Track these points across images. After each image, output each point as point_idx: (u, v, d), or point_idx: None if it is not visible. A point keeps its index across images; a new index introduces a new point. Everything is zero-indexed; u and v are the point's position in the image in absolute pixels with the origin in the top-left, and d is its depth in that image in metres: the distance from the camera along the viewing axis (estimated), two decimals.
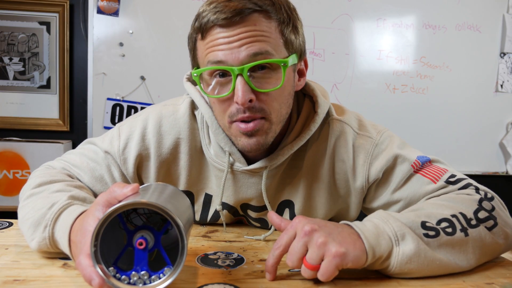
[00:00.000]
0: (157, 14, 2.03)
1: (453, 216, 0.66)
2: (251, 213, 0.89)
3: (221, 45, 0.68)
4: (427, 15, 2.24)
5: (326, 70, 2.19)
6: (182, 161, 0.84)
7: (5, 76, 2.17)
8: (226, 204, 0.87)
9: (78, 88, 2.21)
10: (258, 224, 0.91)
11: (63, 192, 0.71)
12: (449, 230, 0.64)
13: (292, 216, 0.86)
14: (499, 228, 0.68)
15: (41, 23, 2.16)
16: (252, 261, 0.70)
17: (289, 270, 0.65)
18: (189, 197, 0.86)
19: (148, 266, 0.53)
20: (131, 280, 0.52)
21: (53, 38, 2.17)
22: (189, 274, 0.63)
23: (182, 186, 0.86)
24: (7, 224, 0.86)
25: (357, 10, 2.18)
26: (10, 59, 2.16)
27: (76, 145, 1.13)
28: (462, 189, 0.75)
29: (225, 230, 0.88)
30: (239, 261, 0.70)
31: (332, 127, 0.82)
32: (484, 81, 2.33)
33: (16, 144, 2.05)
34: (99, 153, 0.83)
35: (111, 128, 0.87)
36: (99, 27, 2.01)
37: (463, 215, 0.67)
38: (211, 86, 0.72)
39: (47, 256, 0.68)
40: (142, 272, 0.52)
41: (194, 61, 0.76)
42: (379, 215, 0.65)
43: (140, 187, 0.59)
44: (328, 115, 0.83)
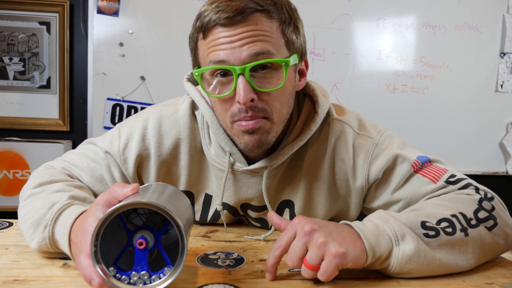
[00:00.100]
0: (157, 14, 2.03)
1: (453, 216, 0.67)
2: (251, 213, 0.89)
3: (223, 45, 0.68)
4: (427, 15, 2.24)
5: (326, 70, 2.19)
6: (182, 161, 0.84)
7: (5, 76, 2.17)
8: (226, 204, 0.87)
9: (78, 88, 2.21)
10: (258, 224, 0.91)
11: (63, 192, 0.71)
12: (449, 230, 0.64)
13: (292, 216, 0.86)
14: (499, 228, 0.68)
15: (41, 23, 2.16)
16: (252, 261, 0.70)
17: (289, 270, 0.65)
18: (189, 197, 0.86)
19: (148, 266, 0.53)
20: (131, 280, 0.52)
21: (53, 38, 2.17)
22: (189, 274, 0.63)
23: (182, 186, 0.86)
24: (7, 224, 0.86)
25: (357, 10, 2.18)
26: (10, 59, 2.16)
27: (76, 145, 1.14)
28: (462, 189, 0.75)
29: (226, 230, 0.88)
30: (239, 261, 0.70)
31: (332, 127, 0.82)
32: (484, 81, 2.33)
33: (16, 144, 2.05)
34: (99, 153, 0.83)
35: (111, 128, 0.87)
36: (99, 27, 2.01)
37: (463, 215, 0.67)
38: (212, 86, 0.72)
39: (47, 256, 0.68)
40: (142, 272, 0.52)
41: (195, 61, 0.76)
42: (379, 215, 0.65)
43: (140, 187, 0.59)
44: (328, 115, 0.83)
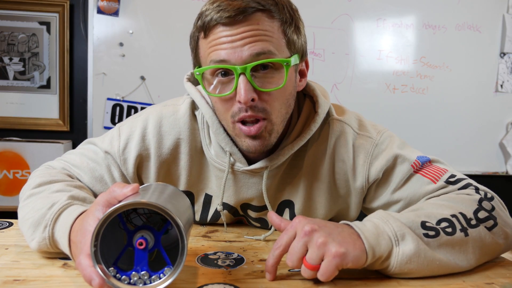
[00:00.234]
0: (157, 14, 2.03)
1: (453, 216, 0.66)
2: (251, 213, 0.89)
3: (224, 44, 0.68)
4: (427, 15, 2.24)
5: (326, 70, 2.19)
6: (182, 162, 0.84)
7: (5, 76, 2.17)
8: (227, 204, 0.87)
9: (78, 88, 2.21)
10: (258, 224, 0.91)
11: (63, 192, 0.71)
12: (449, 230, 0.64)
13: (292, 216, 0.86)
14: (499, 228, 0.68)
15: (41, 23, 2.16)
16: (252, 261, 0.70)
17: (289, 270, 0.65)
18: (189, 198, 0.85)
19: (148, 266, 0.53)
20: (131, 280, 0.52)
21: (53, 38, 2.17)
22: (189, 274, 0.63)
23: (182, 187, 0.86)
24: (7, 224, 0.86)
25: (357, 10, 2.18)
26: (10, 59, 2.16)
27: (76, 145, 1.14)
28: (462, 189, 0.75)
29: (226, 230, 0.88)
30: (239, 261, 0.70)
31: (332, 127, 0.82)
32: (484, 81, 2.33)
33: (16, 144, 2.05)
34: (99, 153, 0.83)
35: (111, 128, 0.87)
36: (99, 27, 2.01)
37: (463, 215, 0.67)
38: (213, 85, 0.72)
39: (47, 256, 0.68)
40: (142, 272, 0.52)
41: (196, 60, 0.76)
42: (379, 215, 0.65)
43: (140, 187, 0.59)
44: (328, 115, 0.83)
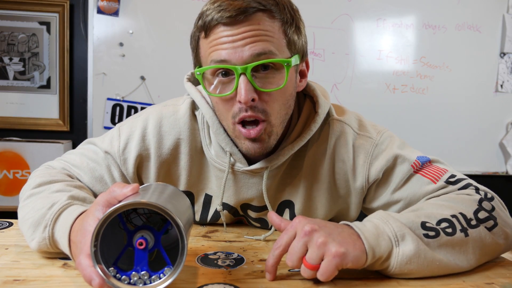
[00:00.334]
0: (157, 14, 2.03)
1: (453, 217, 0.66)
2: (251, 213, 0.89)
3: (225, 44, 0.68)
4: (427, 15, 2.24)
5: (326, 70, 2.19)
6: (183, 162, 0.84)
7: (5, 76, 2.17)
8: (227, 205, 0.87)
9: (78, 88, 2.21)
10: (258, 224, 0.91)
11: (63, 192, 0.71)
12: (449, 231, 0.64)
13: (292, 216, 0.86)
14: (499, 228, 0.68)
15: (41, 23, 2.16)
16: (252, 261, 0.70)
17: (289, 270, 0.65)
18: (189, 198, 0.85)
19: (148, 266, 0.53)
20: (131, 280, 0.52)
21: (53, 38, 2.17)
22: (189, 274, 0.63)
23: (182, 187, 0.86)
24: (7, 224, 0.86)
25: (357, 10, 2.18)
26: (10, 59, 2.16)
27: (76, 145, 1.14)
28: (462, 189, 0.75)
29: (226, 230, 0.88)
30: (239, 261, 0.70)
31: (332, 128, 0.82)
32: (484, 81, 2.33)
33: (16, 144, 2.05)
34: (99, 153, 0.83)
35: (111, 128, 0.87)
36: (99, 27, 2.01)
37: (463, 216, 0.67)
38: (214, 85, 0.72)
39: (47, 256, 0.68)
40: (142, 272, 0.52)
41: (197, 60, 0.76)
42: (379, 216, 0.65)
43: (140, 187, 0.59)
44: (328, 116, 0.83)
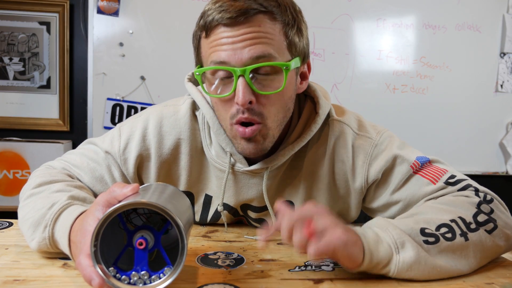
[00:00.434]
0: (157, 14, 2.03)
1: (452, 221, 0.66)
2: (251, 214, 0.89)
3: (225, 45, 0.68)
4: (427, 15, 2.24)
5: (326, 70, 2.19)
6: (183, 162, 0.84)
7: (5, 76, 2.16)
8: (227, 205, 0.87)
9: (78, 88, 2.21)
10: (258, 224, 0.91)
11: (63, 192, 0.71)
12: (449, 236, 0.64)
13: None
14: (499, 230, 0.68)
15: (41, 23, 2.16)
16: (252, 261, 0.70)
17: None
18: (189, 198, 0.85)
19: (148, 266, 0.53)
20: (131, 280, 0.52)
21: (53, 38, 2.17)
22: (189, 274, 0.63)
23: (182, 187, 0.86)
24: (7, 224, 0.86)
25: (357, 10, 2.18)
26: (10, 59, 2.16)
27: (76, 145, 1.13)
28: (461, 190, 0.75)
29: (226, 230, 0.88)
30: (239, 261, 0.70)
31: (332, 128, 0.82)
32: (484, 81, 2.33)
33: (16, 144, 2.05)
34: (100, 153, 0.83)
35: (112, 128, 0.87)
36: (99, 27, 2.01)
37: (462, 220, 0.67)
38: (213, 86, 0.72)
39: (47, 256, 0.68)
40: (142, 272, 0.52)
41: (198, 59, 0.76)
42: (379, 224, 0.66)
43: (140, 187, 0.59)
44: (329, 116, 0.83)
